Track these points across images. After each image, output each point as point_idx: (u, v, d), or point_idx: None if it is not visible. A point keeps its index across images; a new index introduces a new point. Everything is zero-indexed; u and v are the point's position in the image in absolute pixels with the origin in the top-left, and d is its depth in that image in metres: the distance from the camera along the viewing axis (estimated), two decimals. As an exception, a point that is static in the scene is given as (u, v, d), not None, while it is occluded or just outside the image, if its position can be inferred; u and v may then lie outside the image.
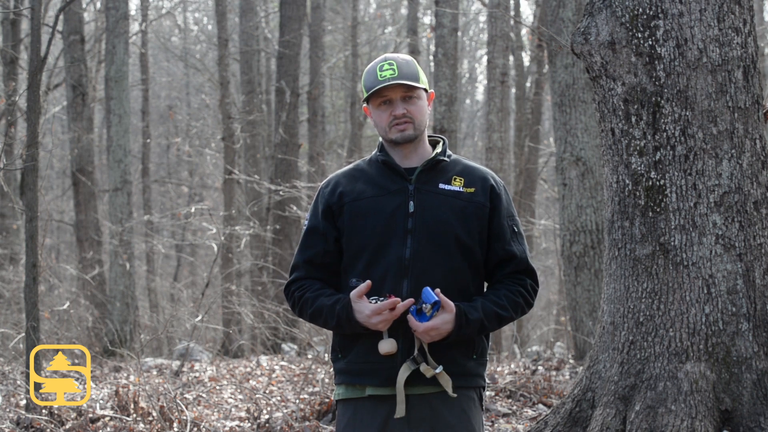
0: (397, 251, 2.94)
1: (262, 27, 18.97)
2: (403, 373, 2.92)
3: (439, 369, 2.93)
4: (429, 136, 3.12)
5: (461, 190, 3.02)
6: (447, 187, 3.02)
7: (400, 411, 2.93)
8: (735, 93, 3.97)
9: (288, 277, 3.12)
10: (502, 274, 3.04)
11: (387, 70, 2.97)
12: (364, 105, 3.07)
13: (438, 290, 2.89)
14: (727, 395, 3.85)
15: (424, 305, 2.88)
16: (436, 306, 2.88)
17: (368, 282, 2.92)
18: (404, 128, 2.99)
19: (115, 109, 13.39)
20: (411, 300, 2.89)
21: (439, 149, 3.07)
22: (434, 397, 2.96)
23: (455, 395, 2.95)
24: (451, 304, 2.90)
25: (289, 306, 3.13)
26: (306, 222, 3.12)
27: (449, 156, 3.08)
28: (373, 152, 3.13)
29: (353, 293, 2.92)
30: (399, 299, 2.88)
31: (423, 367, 2.92)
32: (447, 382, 2.94)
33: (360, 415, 2.99)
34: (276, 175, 14.53)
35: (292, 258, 3.14)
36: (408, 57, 3.04)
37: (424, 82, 3.02)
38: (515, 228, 3.08)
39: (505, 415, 6.21)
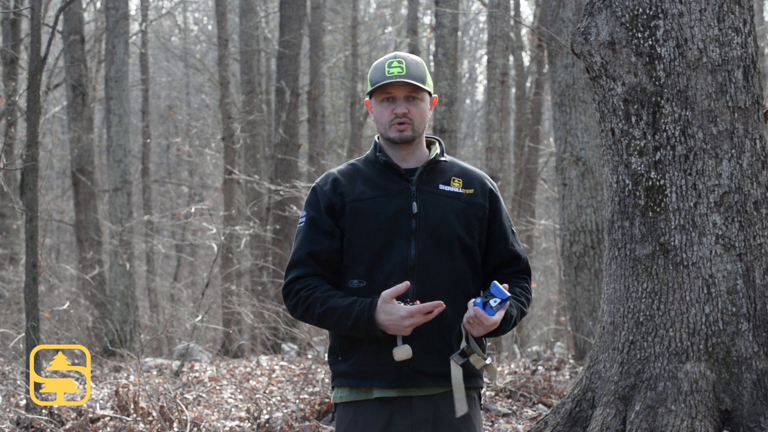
0: (401, 252, 2.93)
1: (262, 27, 18.97)
2: (457, 369, 2.89)
3: (489, 360, 2.93)
4: (425, 138, 3.12)
5: (460, 191, 3.03)
6: (447, 188, 3.02)
7: (462, 408, 2.89)
8: (735, 93, 3.97)
9: (286, 275, 3.00)
10: (506, 272, 3.05)
11: (396, 67, 2.97)
12: (366, 99, 3.06)
13: (506, 285, 2.88)
14: (727, 395, 3.85)
15: (492, 299, 2.84)
16: (504, 302, 2.85)
17: (407, 283, 2.85)
18: (403, 129, 2.98)
19: (115, 109, 13.40)
20: (442, 305, 2.83)
21: (437, 150, 3.07)
22: (438, 398, 2.96)
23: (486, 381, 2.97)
24: None
25: (288, 305, 2.98)
26: (303, 218, 3.03)
27: (446, 157, 3.09)
28: (368, 151, 3.12)
29: (386, 293, 2.84)
30: (441, 302, 2.83)
31: (473, 359, 2.90)
32: (494, 373, 2.95)
33: (362, 418, 2.97)
34: (276, 175, 14.53)
35: (290, 255, 3.02)
36: (418, 58, 3.04)
37: (429, 85, 3.03)
38: (513, 229, 3.14)
39: (505, 415, 6.21)
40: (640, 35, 3.99)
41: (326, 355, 3.28)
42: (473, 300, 2.86)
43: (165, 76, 25.29)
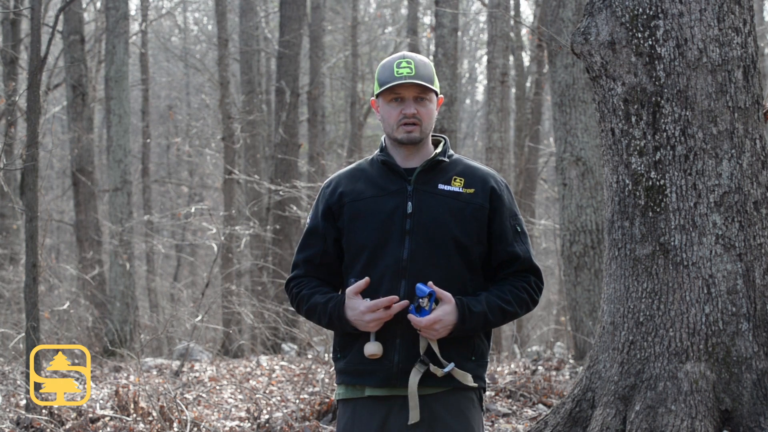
0: (394, 252, 2.94)
1: (262, 27, 18.96)
2: (414, 376, 2.90)
3: (450, 366, 2.90)
4: (431, 136, 3.12)
5: (460, 190, 3.00)
6: (446, 187, 3.00)
7: (414, 417, 2.90)
8: (735, 93, 3.97)
9: (288, 274, 3.13)
10: (505, 273, 3.02)
11: (405, 67, 2.96)
12: (373, 98, 3.06)
13: (431, 282, 2.87)
14: (727, 395, 3.85)
15: (420, 300, 2.85)
16: (432, 297, 2.85)
17: (366, 279, 2.91)
18: (411, 130, 2.98)
19: (115, 109, 13.40)
20: (407, 302, 2.88)
21: (439, 149, 3.06)
22: (433, 399, 2.95)
23: (473, 384, 2.94)
24: (449, 295, 2.88)
25: (289, 302, 3.15)
26: (307, 221, 3.13)
27: (450, 156, 3.06)
28: (375, 152, 3.13)
29: (349, 289, 2.91)
30: (396, 297, 2.87)
31: (432, 368, 2.90)
32: (463, 376, 2.93)
33: (359, 415, 2.99)
34: (276, 175, 14.53)
35: (293, 256, 3.15)
36: (425, 58, 3.04)
37: (437, 85, 3.03)
38: (518, 228, 3.05)
39: (505, 415, 6.21)
40: (640, 35, 3.99)
41: (326, 354, 3.31)
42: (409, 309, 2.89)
43: (165, 76, 25.29)
